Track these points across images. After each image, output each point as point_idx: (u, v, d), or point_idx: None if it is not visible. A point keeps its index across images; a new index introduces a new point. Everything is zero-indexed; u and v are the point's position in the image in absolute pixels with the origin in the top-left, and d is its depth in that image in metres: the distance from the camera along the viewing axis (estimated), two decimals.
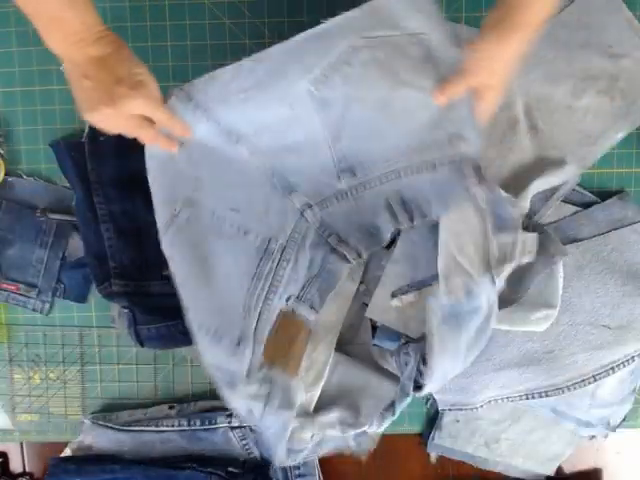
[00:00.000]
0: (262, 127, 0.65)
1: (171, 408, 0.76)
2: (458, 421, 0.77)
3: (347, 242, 0.68)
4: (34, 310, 0.76)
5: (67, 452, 0.75)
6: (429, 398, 0.78)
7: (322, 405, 0.68)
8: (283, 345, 0.64)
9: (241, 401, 0.62)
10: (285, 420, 0.62)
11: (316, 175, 0.67)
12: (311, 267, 0.67)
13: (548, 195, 0.73)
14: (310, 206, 0.67)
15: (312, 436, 0.66)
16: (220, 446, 0.74)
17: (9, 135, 0.75)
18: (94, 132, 0.71)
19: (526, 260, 0.64)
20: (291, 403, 0.62)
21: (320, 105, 0.64)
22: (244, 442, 0.74)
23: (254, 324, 0.64)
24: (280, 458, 0.63)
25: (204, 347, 0.62)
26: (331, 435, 0.68)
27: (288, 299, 0.66)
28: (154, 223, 0.65)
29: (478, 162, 0.64)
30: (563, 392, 0.73)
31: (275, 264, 0.66)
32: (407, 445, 0.79)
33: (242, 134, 0.65)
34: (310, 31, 0.60)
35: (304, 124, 0.65)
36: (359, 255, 0.67)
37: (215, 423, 0.73)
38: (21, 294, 0.75)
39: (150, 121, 0.58)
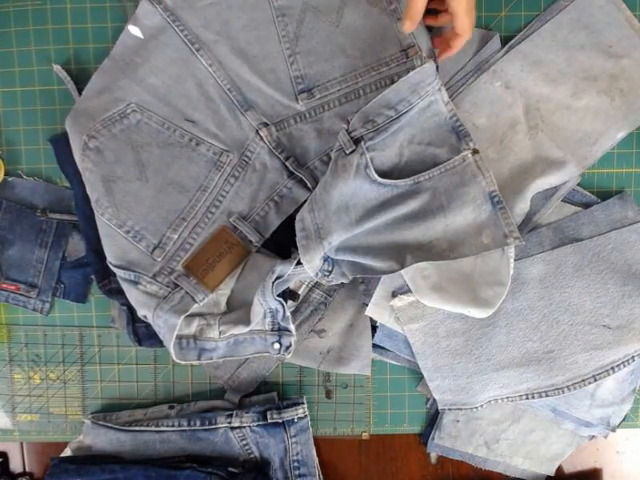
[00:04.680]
0: (221, 35, 0.68)
1: (171, 408, 0.76)
2: (458, 421, 0.77)
3: (306, 167, 0.68)
4: (34, 310, 0.76)
5: (67, 452, 0.75)
6: (429, 398, 0.78)
7: (232, 307, 0.69)
8: (208, 259, 0.66)
9: (140, 298, 0.65)
10: (172, 324, 0.63)
11: (273, 94, 0.69)
12: (261, 189, 0.69)
13: (548, 195, 0.73)
14: (266, 125, 0.68)
15: (220, 335, 0.66)
16: (220, 446, 0.74)
17: (9, 135, 0.75)
18: None
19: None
20: (184, 310, 0.64)
21: (278, 13, 0.67)
22: (244, 442, 0.74)
23: (185, 234, 0.67)
24: (174, 355, 0.66)
25: (118, 245, 0.66)
26: (247, 337, 0.68)
27: (231, 216, 0.67)
28: None
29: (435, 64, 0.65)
30: (563, 392, 0.73)
31: (223, 178, 0.68)
32: (407, 445, 0.79)
33: (202, 42, 0.68)
34: None
35: (261, 35, 0.68)
36: (316, 181, 0.67)
37: (215, 423, 0.73)
38: (21, 294, 0.75)
39: None
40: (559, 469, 0.79)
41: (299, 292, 0.73)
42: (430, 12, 0.65)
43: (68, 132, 0.68)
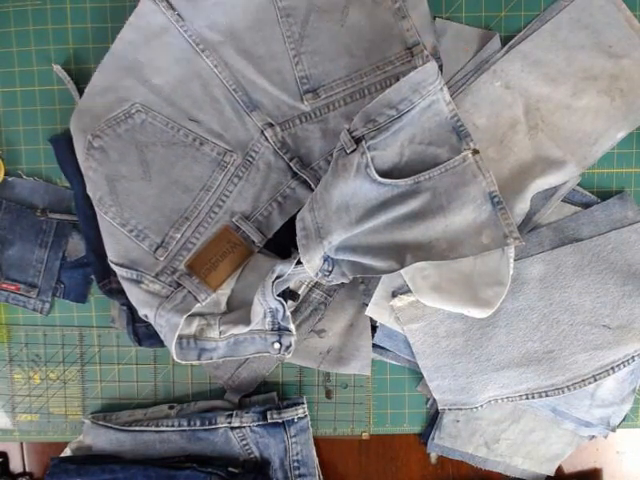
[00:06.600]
0: (227, 35, 0.68)
1: (171, 408, 0.76)
2: (458, 421, 0.77)
3: (311, 167, 0.68)
4: (34, 310, 0.76)
5: (67, 452, 0.75)
6: (429, 398, 0.78)
7: (232, 307, 0.69)
8: (211, 258, 0.67)
9: (142, 297, 0.65)
10: (174, 323, 0.63)
11: (279, 95, 0.69)
12: (265, 189, 0.69)
13: (548, 195, 0.73)
14: (271, 125, 0.68)
15: (220, 335, 0.66)
16: (220, 446, 0.74)
17: (9, 135, 0.75)
18: None
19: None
20: (186, 310, 0.64)
21: (282, 14, 0.68)
22: (244, 442, 0.74)
23: (188, 233, 0.67)
24: (174, 355, 0.66)
25: (120, 243, 0.66)
26: (247, 337, 0.68)
27: (234, 216, 0.67)
28: None
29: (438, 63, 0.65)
30: (563, 392, 0.73)
31: (227, 178, 0.68)
32: (407, 445, 0.79)
33: (208, 42, 0.68)
34: None
35: (266, 35, 0.68)
36: (319, 181, 0.67)
37: (215, 423, 0.73)
38: (21, 294, 0.75)
39: None
40: (559, 469, 0.79)
41: (299, 292, 0.73)
42: None
43: (72, 131, 0.68)
